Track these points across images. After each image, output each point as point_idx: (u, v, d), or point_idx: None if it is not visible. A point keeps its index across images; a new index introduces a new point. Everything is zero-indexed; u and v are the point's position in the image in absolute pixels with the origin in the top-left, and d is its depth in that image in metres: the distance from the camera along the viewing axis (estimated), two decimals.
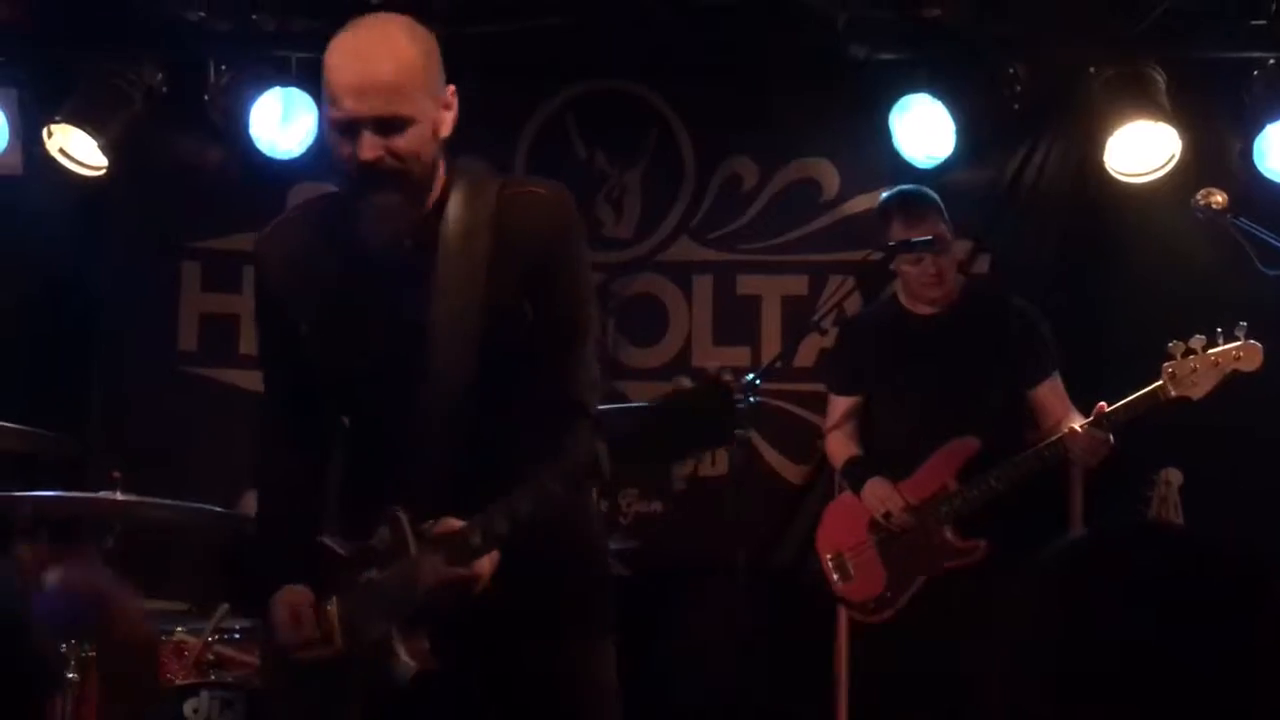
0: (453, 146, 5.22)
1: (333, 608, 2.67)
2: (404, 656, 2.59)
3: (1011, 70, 5.22)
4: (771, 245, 5.49)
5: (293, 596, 2.68)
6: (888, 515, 4.45)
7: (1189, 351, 4.04)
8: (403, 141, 2.54)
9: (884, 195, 4.67)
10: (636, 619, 3.01)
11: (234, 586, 4.90)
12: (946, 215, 4.52)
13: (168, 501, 4.47)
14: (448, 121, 2.64)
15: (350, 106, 2.52)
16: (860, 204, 5.41)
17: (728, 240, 5.53)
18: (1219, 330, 4.00)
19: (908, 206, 4.51)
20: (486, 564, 2.54)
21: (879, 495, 4.47)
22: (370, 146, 2.53)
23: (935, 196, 4.56)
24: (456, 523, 2.53)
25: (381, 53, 2.55)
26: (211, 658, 4.13)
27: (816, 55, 5.30)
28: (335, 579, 2.69)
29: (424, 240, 2.64)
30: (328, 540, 2.73)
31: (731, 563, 4.52)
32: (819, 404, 4.99)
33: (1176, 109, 5.01)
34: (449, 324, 2.62)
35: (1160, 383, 4.07)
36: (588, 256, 2.79)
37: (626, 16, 5.11)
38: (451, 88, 2.65)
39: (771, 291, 5.49)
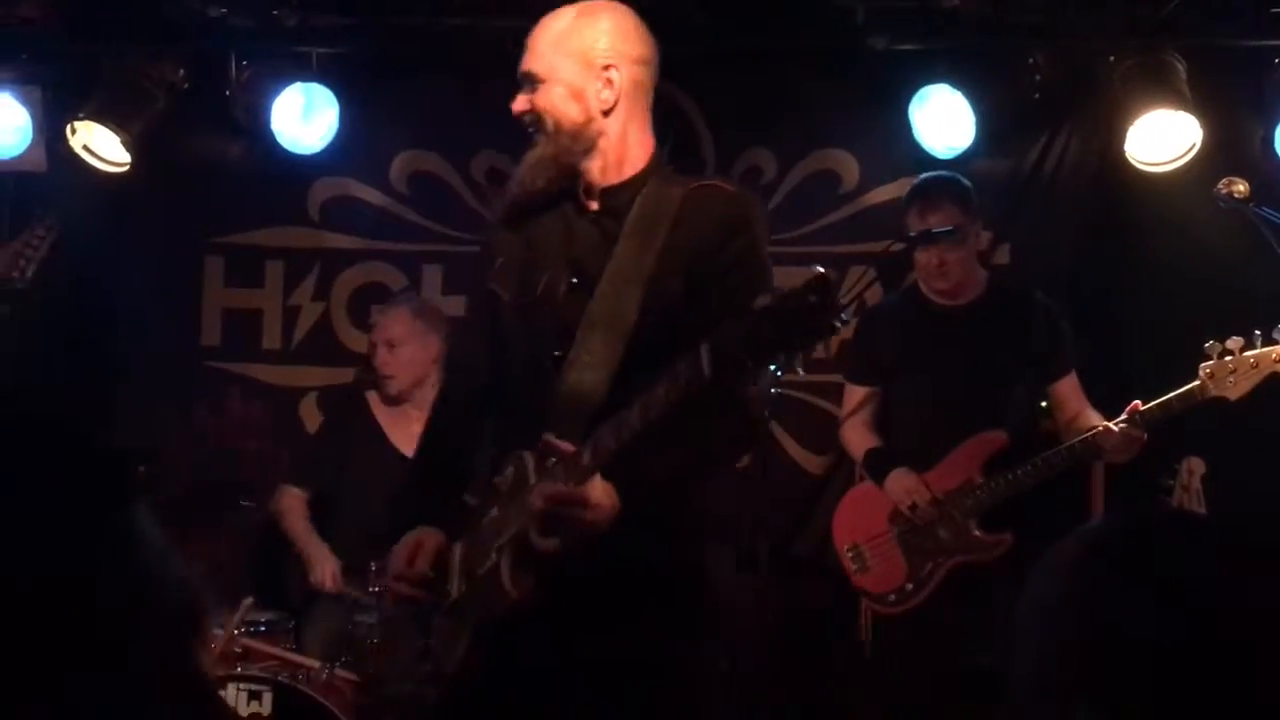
0: (473, 138, 5.18)
1: (457, 552, 2.80)
2: (506, 585, 2.63)
3: (1031, 60, 5.21)
4: (791, 237, 5.49)
5: (421, 535, 2.82)
6: (913, 507, 4.44)
7: (1226, 352, 4.03)
8: (535, 96, 2.80)
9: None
10: None
11: (259, 579, 4.95)
12: (972, 204, 4.51)
13: (192, 495, 4.51)
14: (600, 94, 2.80)
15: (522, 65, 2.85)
16: (880, 195, 5.41)
17: None
18: (1257, 332, 4.00)
19: (924, 195, 4.51)
20: (600, 491, 2.56)
21: (905, 486, 4.46)
22: (517, 101, 2.83)
23: (959, 184, 4.54)
24: (569, 446, 2.59)
25: (543, 23, 2.86)
26: (238, 650, 4.16)
27: (835, 46, 5.30)
28: (465, 529, 2.81)
29: (615, 208, 2.81)
30: (469, 498, 2.85)
31: (753, 554, 4.53)
32: (838, 395, 4.99)
33: (1197, 97, 5.00)
34: (616, 283, 2.73)
35: (1198, 382, 4.06)
36: (765, 256, 2.82)
37: (643, 9, 5.10)
38: (612, 65, 2.80)
39: (791, 283, 5.46)
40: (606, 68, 2.80)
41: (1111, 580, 1.37)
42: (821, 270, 2.29)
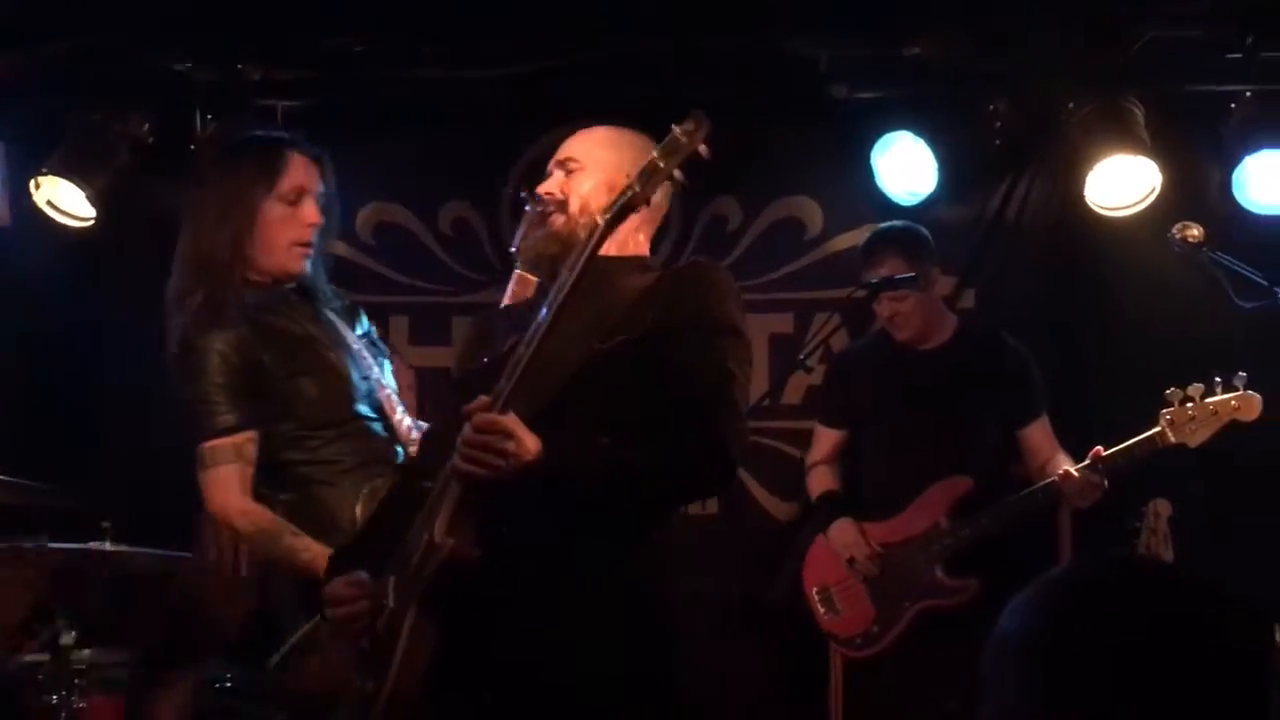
0: (440, 190, 5.18)
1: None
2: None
3: (992, 106, 5.26)
4: (757, 284, 5.51)
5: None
6: (851, 560, 4.47)
7: (1187, 399, 4.06)
8: (569, 180, 2.94)
9: None
10: None
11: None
12: (918, 252, 4.53)
13: (159, 551, 4.47)
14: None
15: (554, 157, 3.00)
16: (844, 241, 5.44)
17: None
18: (1218, 379, 4.03)
19: (867, 249, 4.57)
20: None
21: (844, 539, 4.50)
22: (548, 182, 2.96)
23: (903, 235, 4.58)
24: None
25: (584, 129, 3.04)
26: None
27: (799, 94, 5.34)
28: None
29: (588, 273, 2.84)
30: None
31: (725, 601, 4.53)
32: (807, 441, 5.00)
33: (1156, 142, 5.05)
34: (563, 332, 2.71)
35: (1159, 429, 4.10)
36: (734, 325, 2.83)
37: (612, 60, 5.14)
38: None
39: (758, 330, 5.48)
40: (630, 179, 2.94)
41: (1072, 626, 1.38)
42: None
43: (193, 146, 5.31)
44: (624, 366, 2.70)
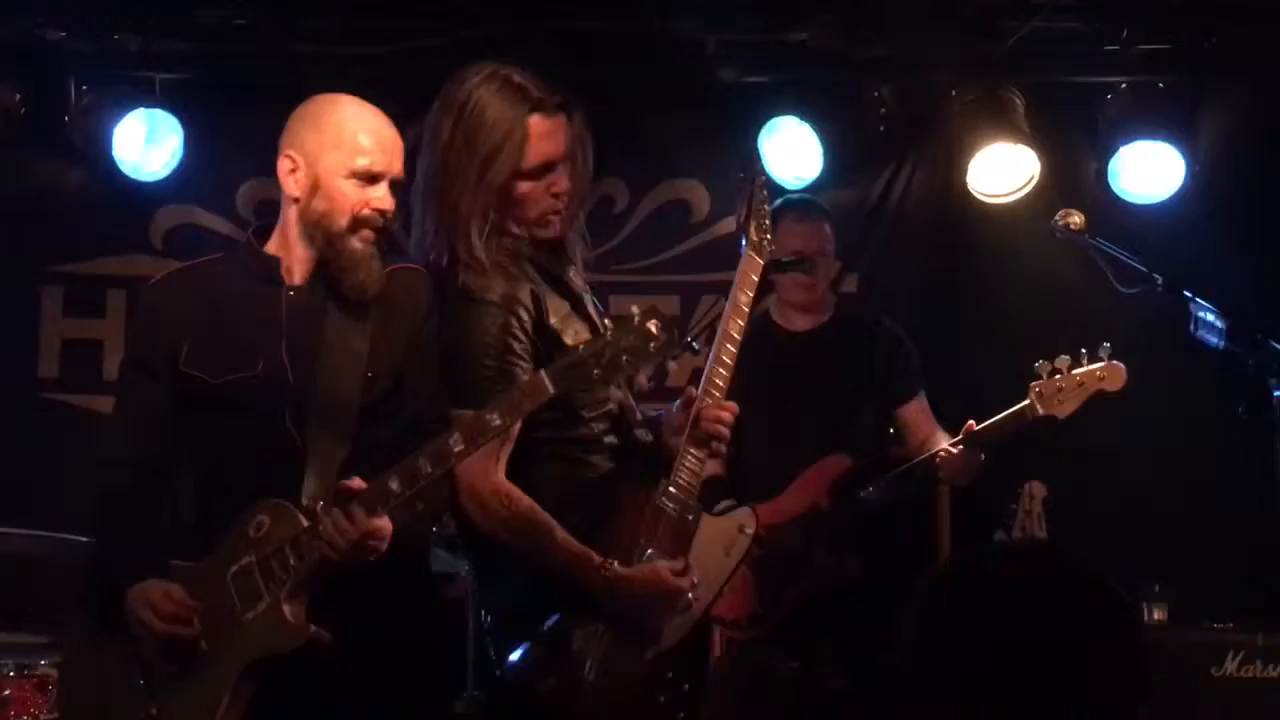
0: None
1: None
2: (290, 616, 2.65)
3: (876, 93, 5.32)
4: (643, 266, 5.52)
5: (164, 585, 2.73)
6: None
7: (1055, 371, 4.12)
8: (392, 202, 2.88)
9: None
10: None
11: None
12: (817, 226, 4.57)
13: (28, 531, 4.37)
14: None
15: (383, 164, 2.87)
16: (730, 224, 5.45)
17: (600, 262, 5.46)
18: (1084, 351, 4.10)
19: (798, 210, 4.57)
20: (388, 527, 2.65)
21: None
22: (389, 200, 2.86)
23: (804, 208, 4.61)
24: (360, 481, 2.64)
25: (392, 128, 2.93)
26: None
27: (686, 78, 5.36)
28: (192, 587, 2.74)
29: (324, 283, 2.86)
30: (178, 562, 2.79)
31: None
32: None
33: (1035, 131, 5.15)
34: (338, 352, 2.81)
35: (1027, 402, 4.15)
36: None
37: (496, 40, 5.11)
38: None
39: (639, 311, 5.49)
40: None
41: (955, 617, 1.42)
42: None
43: (67, 118, 5.20)
44: (391, 400, 2.83)
